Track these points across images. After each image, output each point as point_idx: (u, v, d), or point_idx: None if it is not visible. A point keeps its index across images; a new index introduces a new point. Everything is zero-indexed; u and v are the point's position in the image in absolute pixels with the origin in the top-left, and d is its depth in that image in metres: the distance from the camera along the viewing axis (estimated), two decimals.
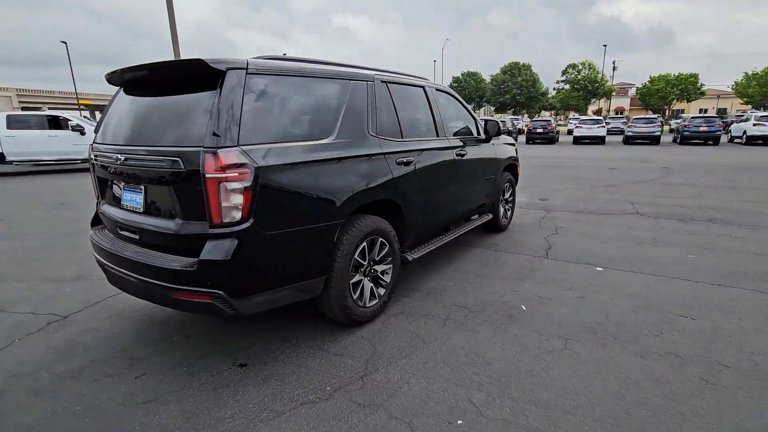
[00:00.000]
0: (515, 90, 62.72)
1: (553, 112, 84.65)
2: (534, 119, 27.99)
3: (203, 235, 2.08)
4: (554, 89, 65.30)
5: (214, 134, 2.01)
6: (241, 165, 2.03)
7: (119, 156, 2.37)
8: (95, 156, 2.67)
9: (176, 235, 2.18)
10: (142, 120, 2.41)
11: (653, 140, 21.30)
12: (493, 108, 73.39)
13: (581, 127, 22.58)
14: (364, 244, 2.79)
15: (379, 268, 3.01)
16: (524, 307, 3.13)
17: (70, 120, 13.00)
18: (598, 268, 3.91)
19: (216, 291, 2.08)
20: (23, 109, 53.52)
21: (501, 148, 4.86)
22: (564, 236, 4.98)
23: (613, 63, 69.81)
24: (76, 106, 49.51)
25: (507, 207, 5.32)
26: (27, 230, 5.76)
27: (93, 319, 3.09)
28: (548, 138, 23.42)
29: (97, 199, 2.89)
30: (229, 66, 2.12)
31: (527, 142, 24.62)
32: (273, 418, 2.02)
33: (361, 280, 2.85)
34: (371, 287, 2.94)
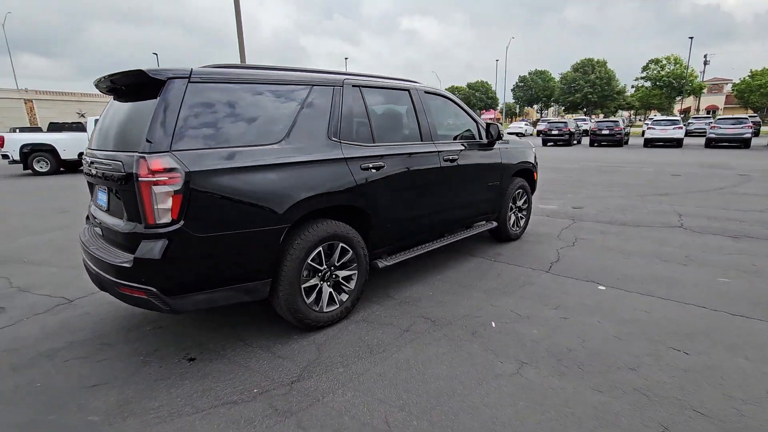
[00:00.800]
0: (587, 88, 58.67)
1: (631, 113, 78.17)
2: (599, 120, 25.98)
3: (140, 234, 2.21)
4: (632, 87, 60.08)
5: (147, 140, 2.12)
6: (172, 170, 2.12)
7: (90, 159, 2.60)
8: (86, 158, 2.94)
9: (122, 233, 2.34)
10: (110, 126, 2.61)
11: (742, 143, 18.75)
12: (562, 108, 69.43)
13: (653, 129, 20.52)
14: (320, 248, 2.78)
15: (342, 273, 2.98)
16: (494, 324, 2.92)
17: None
18: (600, 287, 3.53)
19: (150, 288, 2.20)
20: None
21: (509, 152, 4.57)
22: (580, 249, 4.57)
23: (705, 57, 62.36)
24: None
25: (520, 215, 5.00)
26: (83, 221, 6.50)
27: (90, 305, 3.41)
28: (615, 140, 21.59)
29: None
30: (169, 75, 2.23)
31: (590, 145, 22.98)
32: (191, 414, 2.09)
33: (318, 284, 2.84)
34: (330, 292, 2.92)
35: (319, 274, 2.84)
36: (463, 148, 3.93)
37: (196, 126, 2.27)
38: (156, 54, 38.54)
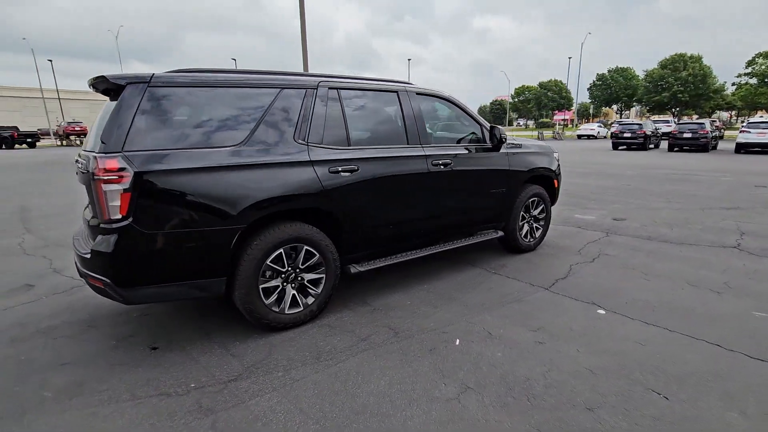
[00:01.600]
0: (676, 87, 52.97)
1: (732, 113, 69.12)
2: (681, 122, 23.29)
3: (98, 228, 2.38)
4: (733, 84, 53.02)
5: (102, 141, 2.28)
6: (121, 169, 2.25)
7: (76, 157, 2.85)
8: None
9: (91, 227, 2.54)
10: (95, 126, 2.84)
11: None
12: (646, 108, 63.38)
13: (748, 132, 17.90)
14: (281, 250, 2.79)
15: (308, 276, 2.97)
16: (458, 342, 2.73)
17: None
18: (600, 311, 3.15)
19: (105, 279, 2.36)
20: None
21: (519, 158, 4.25)
22: (597, 266, 4.11)
23: None
24: None
25: (536, 225, 4.63)
26: None
27: None
28: (698, 145, 19.18)
29: None
30: (129, 81, 2.37)
31: (669, 149, 20.69)
32: (126, 401, 2.20)
33: (280, 286, 2.86)
34: (294, 294, 2.92)
35: (282, 275, 2.86)
36: (459, 152, 3.73)
37: (151, 128, 2.39)
38: (234, 59, 41.57)
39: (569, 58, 48.49)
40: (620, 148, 21.92)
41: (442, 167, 3.55)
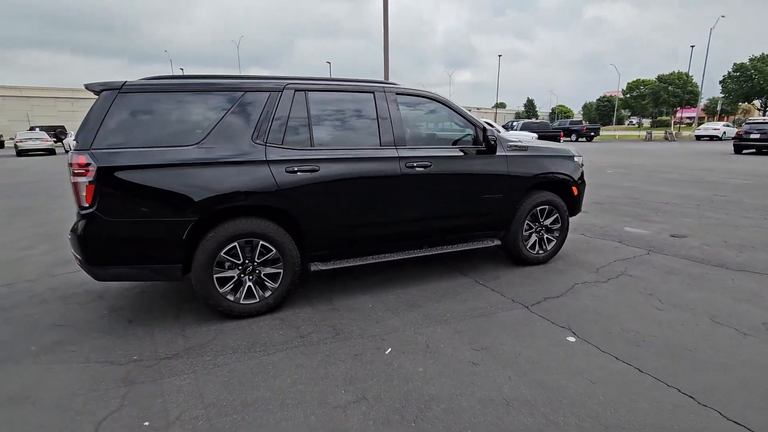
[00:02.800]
0: None
1: None
2: (749, 121, 19.05)
3: (77, 214, 2.79)
4: None
5: (75, 140, 2.67)
6: (88, 165, 2.62)
7: None
8: None
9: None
10: None
11: None
12: None
13: None
14: (236, 244, 2.97)
15: (265, 270, 3.12)
16: (387, 351, 2.64)
17: None
18: (570, 338, 2.76)
19: (78, 257, 2.77)
20: None
21: (521, 161, 3.87)
22: (608, 288, 3.59)
23: None
24: None
25: (547, 236, 4.19)
26: None
27: None
28: None
29: None
30: (104, 87, 2.74)
31: (735, 152, 17.59)
32: (81, 363, 2.55)
33: (236, 277, 3.04)
34: (250, 286, 3.09)
35: (239, 267, 3.04)
36: (441, 154, 3.55)
37: (118, 129, 2.73)
38: (329, 62, 44.12)
39: (692, 47, 41.81)
40: (745, 151, 18.38)
41: (418, 170, 3.43)
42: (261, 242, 3.04)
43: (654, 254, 4.50)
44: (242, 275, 3.07)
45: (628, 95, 73.04)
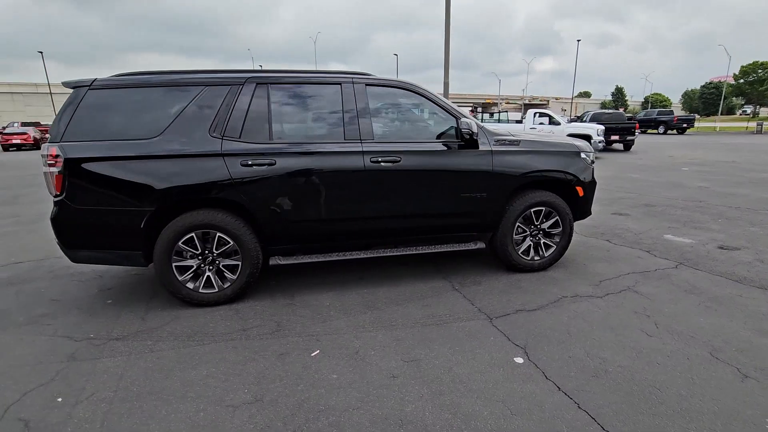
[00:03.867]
0: None
1: None
2: None
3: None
4: None
5: (48, 134, 2.92)
6: (57, 156, 2.86)
7: None
8: None
9: None
10: None
11: None
12: None
13: None
14: (193, 235, 3.07)
15: (224, 261, 3.18)
16: (314, 354, 2.54)
17: None
18: (518, 359, 2.44)
19: (57, 239, 3.05)
20: None
21: (509, 158, 3.48)
22: (599, 305, 3.12)
23: None
24: None
25: (546, 241, 3.75)
26: None
27: None
28: None
29: None
30: (75, 85, 2.95)
31: None
32: (48, 335, 2.81)
33: (194, 266, 3.14)
34: (209, 276, 3.18)
35: (199, 257, 3.14)
36: (412, 149, 3.33)
37: (86, 123, 2.92)
38: (396, 54, 44.02)
39: None
40: None
41: (384, 165, 3.24)
42: (218, 234, 3.10)
43: (683, 268, 3.82)
44: (202, 265, 3.17)
45: (742, 80, 63.12)
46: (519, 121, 15.15)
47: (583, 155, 3.73)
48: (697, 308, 3.04)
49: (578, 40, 42.94)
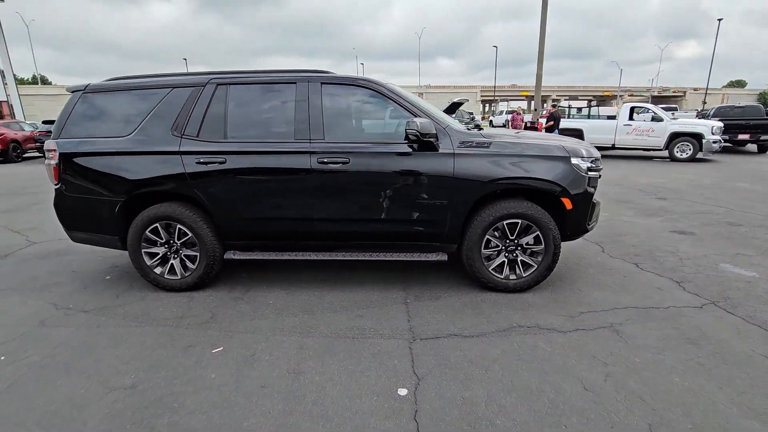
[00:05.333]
0: None
1: None
2: None
3: None
4: None
5: (50, 132, 3.43)
6: (54, 150, 3.35)
7: None
8: None
9: None
10: None
11: None
12: None
13: None
14: (157, 225, 3.35)
15: (185, 252, 3.42)
16: (216, 350, 2.59)
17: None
18: (402, 391, 2.17)
19: (59, 221, 3.59)
20: (483, 102, 70.65)
21: (475, 161, 3.07)
22: (556, 341, 2.60)
23: None
24: (520, 98, 63.61)
25: (525, 259, 3.25)
26: None
27: None
28: None
29: None
30: (74, 89, 3.41)
31: None
32: (32, 300, 3.35)
33: (160, 254, 3.42)
34: (173, 264, 3.44)
35: (165, 246, 3.43)
36: (363, 150, 3.15)
37: (79, 122, 3.37)
38: (496, 47, 41.92)
39: None
40: None
41: (333, 166, 3.13)
42: (179, 226, 3.33)
43: (711, 309, 2.99)
44: (168, 253, 3.45)
45: None
46: (612, 117, 13.24)
47: (574, 161, 3.13)
48: (684, 365, 2.35)
49: (719, 19, 35.66)
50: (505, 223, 3.18)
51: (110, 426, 1.97)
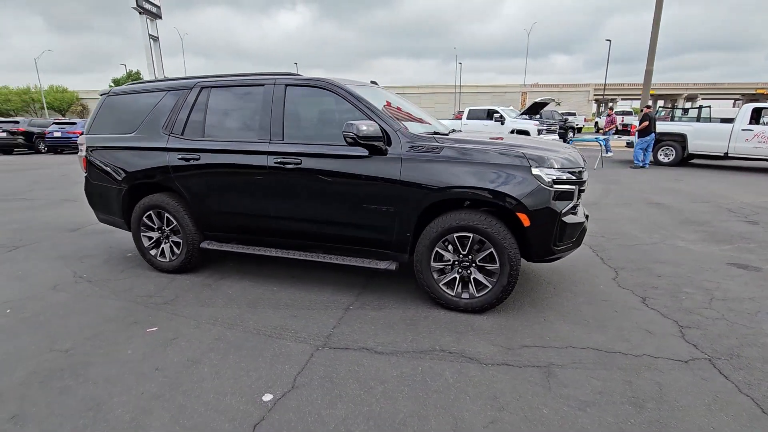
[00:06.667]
0: None
1: None
2: None
3: None
4: None
5: (83, 129, 4.09)
6: (83, 144, 3.99)
7: None
8: None
9: None
10: None
11: None
12: None
13: None
14: (151, 212, 3.78)
15: (173, 238, 3.81)
16: (152, 329, 2.84)
17: (497, 112, 16.23)
18: (267, 396, 2.13)
19: (88, 203, 4.27)
20: (596, 101, 64.32)
21: (425, 167, 2.86)
22: (471, 376, 2.31)
23: None
24: (637, 97, 56.56)
25: (481, 277, 2.93)
26: None
27: None
28: None
29: None
30: (102, 93, 4.02)
31: None
32: (56, 266, 4.04)
33: (153, 238, 3.87)
34: (163, 248, 3.86)
35: (159, 231, 3.86)
36: (315, 152, 3.14)
37: (103, 120, 3.96)
38: (609, 40, 37.55)
39: None
40: None
41: (288, 166, 3.19)
42: (166, 214, 3.73)
43: (700, 367, 2.35)
44: (161, 238, 3.87)
45: None
46: (726, 120, 10.93)
47: (536, 171, 2.70)
48: (600, 428, 1.90)
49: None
50: (455, 235, 2.91)
51: (28, 380, 2.32)
